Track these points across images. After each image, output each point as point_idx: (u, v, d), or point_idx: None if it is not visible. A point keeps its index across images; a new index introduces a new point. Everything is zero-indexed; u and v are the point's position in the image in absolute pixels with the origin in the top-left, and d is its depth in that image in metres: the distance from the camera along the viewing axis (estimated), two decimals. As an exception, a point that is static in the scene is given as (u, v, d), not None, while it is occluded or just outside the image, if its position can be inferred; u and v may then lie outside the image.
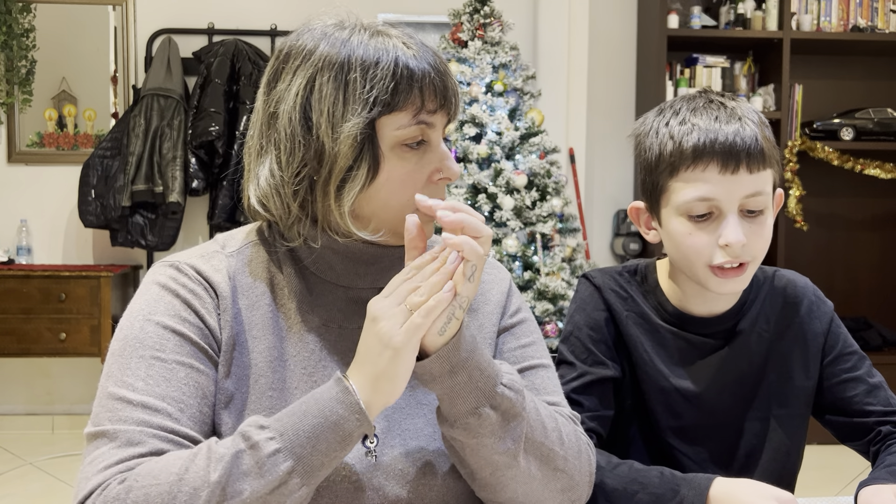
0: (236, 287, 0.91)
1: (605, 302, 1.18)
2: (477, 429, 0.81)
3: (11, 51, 3.87)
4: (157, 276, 0.90)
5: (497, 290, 1.02)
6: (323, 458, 0.77)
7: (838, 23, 4.05)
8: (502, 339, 1.00)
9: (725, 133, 1.03)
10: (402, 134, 0.86)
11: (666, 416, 1.15)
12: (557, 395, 0.99)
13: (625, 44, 4.24)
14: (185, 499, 0.73)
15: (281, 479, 0.75)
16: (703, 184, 1.04)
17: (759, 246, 1.06)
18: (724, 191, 1.03)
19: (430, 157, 0.89)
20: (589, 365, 1.15)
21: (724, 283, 1.06)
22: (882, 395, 1.15)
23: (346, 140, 0.84)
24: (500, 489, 0.86)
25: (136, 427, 0.79)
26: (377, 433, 0.82)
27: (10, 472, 3.31)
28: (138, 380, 0.82)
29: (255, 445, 0.75)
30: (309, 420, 0.77)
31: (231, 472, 0.74)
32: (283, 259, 0.94)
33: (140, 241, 3.72)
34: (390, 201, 0.88)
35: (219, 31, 3.97)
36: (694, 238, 1.06)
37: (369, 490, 0.86)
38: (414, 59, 0.86)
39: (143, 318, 0.86)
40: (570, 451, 0.90)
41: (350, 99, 0.84)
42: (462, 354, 0.81)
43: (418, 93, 0.85)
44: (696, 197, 1.04)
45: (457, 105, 0.91)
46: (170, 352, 0.84)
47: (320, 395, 0.79)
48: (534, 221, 3.30)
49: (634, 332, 1.16)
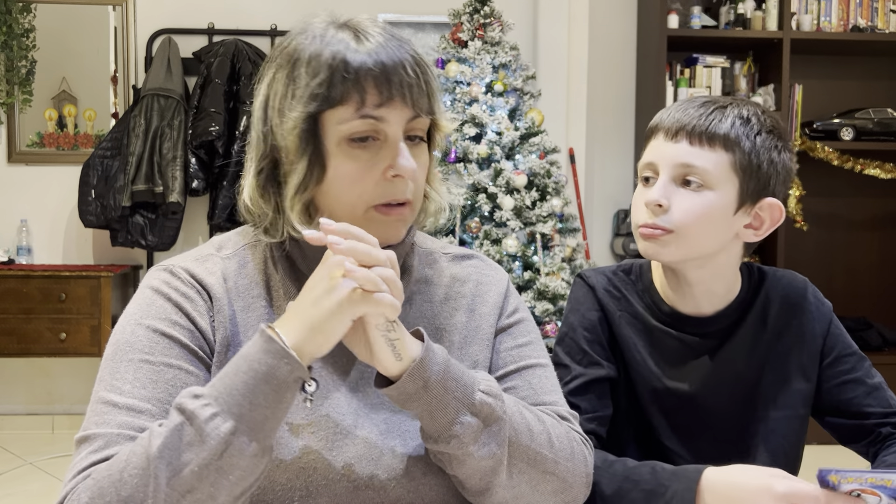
0: (231, 289, 0.92)
1: (599, 302, 1.18)
2: (461, 438, 0.81)
3: (11, 51, 3.86)
4: (151, 281, 0.92)
5: (495, 291, 1.02)
6: (265, 412, 0.75)
7: (838, 23, 4.05)
8: (500, 339, 1.00)
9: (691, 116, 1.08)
10: (346, 129, 0.86)
11: (659, 417, 1.14)
12: (556, 395, 0.99)
13: (625, 44, 4.24)
14: (134, 482, 0.73)
15: (225, 440, 0.73)
16: (647, 151, 1.12)
17: (679, 218, 1.07)
18: (664, 155, 1.08)
19: (385, 153, 0.87)
20: (584, 366, 1.14)
21: (647, 247, 1.10)
22: (882, 395, 1.14)
23: (291, 134, 0.86)
24: (491, 495, 0.87)
25: (117, 430, 0.80)
26: (315, 377, 0.80)
27: (10, 472, 3.31)
28: (126, 383, 0.83)
29: (191, 415, 0.74)
30: (241, 377, 0.75)
31: (173, 447, 0.73)
32: (277, 260, 0.95)
33: (140, 242, 3.72)
34: (341, 197, 0.88)
35: (219, 31, 3.97)
36: (638, 198, 1.12)
37: (369, 490, 0.87)
38: (356, 54, 0.85)
39: (135, 323, 0.88)
40: (560, 454, 0.90)
41: (296, 93, 0.86)
42: (434, 368, 0.81)
43: (355, 87, 0.84)
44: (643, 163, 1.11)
45: (418, 100, 0.87)
46: (158, 354, 0.85)
47: (247, 350, 0.77)
48: (534, 221, 3.30)
49: (627, 333, 1.16)
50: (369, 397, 0.92)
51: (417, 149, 0.90)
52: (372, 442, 0.89)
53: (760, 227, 1.10)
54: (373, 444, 0.89)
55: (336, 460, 0.87)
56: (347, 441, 0.88)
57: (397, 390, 0.81)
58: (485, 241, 3.24)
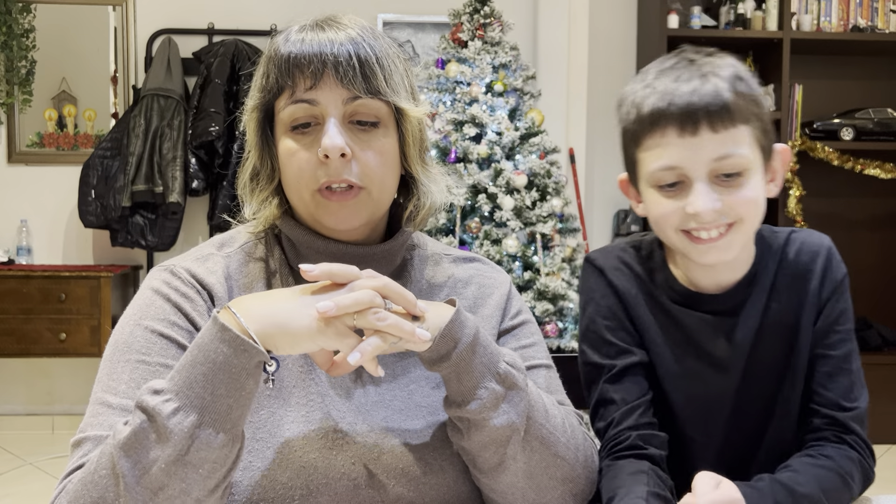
0: (232, 287, 0.92)
1: (611, 285, 1.09)
2: (484, 403, 0.82)
3: (11, 51, 3.86)
4: (151, 281, 0.92)
5: (497, 294, 1.02)
6: (228, 401, 0.74)
7: (838, 23, 4.05)
8: (503, 341, 1.00)
9: (682, 92, 0.93)
10: (286, 116, 0.90)
11: (679, 400, 1.07)
12: (560, 395, 1.00)
13: (625, 44, 4.24)
14: (103, 483, 0.74)
15: (190, 434, 0.72)
16: (664, 150, 0.95)
17: (742, 210, 0.95)
18: (687, 156, 0.93)
19: (320, 136, 0.88)
20: (612, 357, 1.06)
21: (706, 252, 0.97)
22: (843, 383, 1.03)
23: (248, 127, 0.93)
24: (502, 472, 0.86)
25: (107, 432, 0.80)
26: (275, 357, 0.77)
27: (10, 472, 3.31)
28: (121, 383, 0.84)
29: (154, 412, 0.73)
30: (199, 368, 0.74)
31: (138, 446, 0.73)
32: (278, 258, 0.96)
33: (140, 242, 3.72)
34: (290, 184, 0.92)
35: (219, 31, 3.97)
36: (662, 207, 0.97)
37: (369, 489, 0.87)
38: (286, 43, 0.89)
39: (133, 323, 0.88)
40: (570, 441, 0.91)
41: (251, 89, 0.93)
42: (466, 331, 0.82)
43: (287, 74, 0.88)
44: (659, 167, 0.95)
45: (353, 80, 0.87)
46: (155, 355, 0.85)
47: (202, 338, 0.75)
48: (534, 221, 3.30)
49: (643, 313, 1.08)
50: (370, 396, 0.92)
51: (367, 134, 0.90)
52: (372, 441, 0.89)
53: (776, 176, 1.02)
54: (373, 443, 0.89)
55: (336, 459, 0.87)
56: (348, 440, 0.88)
57: (431, 350, 0.81)
58: (485, 241, 3.24)
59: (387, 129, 0.91)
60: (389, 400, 0.93)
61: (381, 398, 0.92)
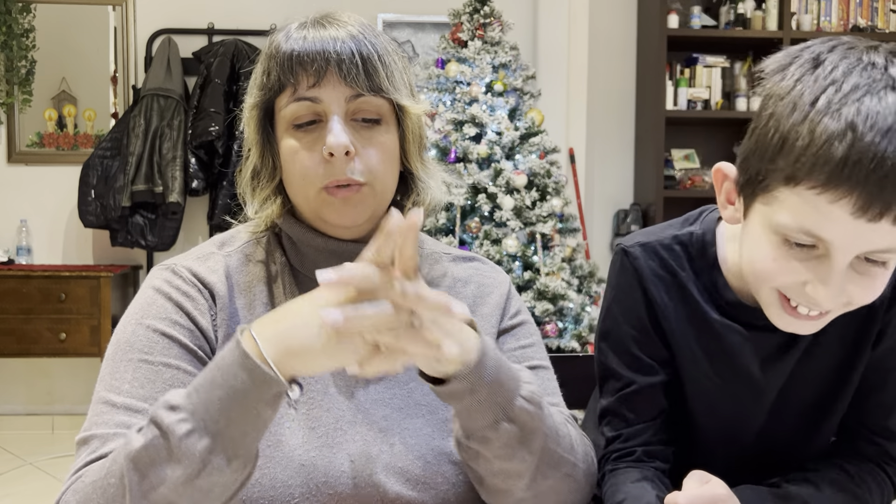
0: (233, 286, 0.92)
1: (646, 293, 0.97)
2: (494, 441, 0.79)
3: (11, 51, 3.86)
4: (152, 280, 0.92)
5: (497, 293, 1.02)
6: (243, 428, 0.71)
7: (838, 23, 4.05)
8: (502, 340, 1.00)
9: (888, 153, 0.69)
10: (287, 114, 0.89)
11: (707, 420, 1.00)
12: (556, 397, 0.99)
13: (625, 44, 4.24)
14: (111, 491, 0.73)
15: (202, 459, 0.70)
16: (824, 218, 0.73)
17: (861, 296, 0.79)
18: (848, 241, 0.73)
19: (324, 134, 0.88)
20: (634, 371, 0.99)
21: (791, 323, 0.83)
22: None
23: (248, 126, 0.92)
24: (509, 496, 0.85)
25: (114, 430, 0.80)
26: (300, 382, 0.73)
27: (10, 472, 3.31)
28: (124, 382, 0.83)
29: (167, 431, 0.70)
30: (216, 392, 0.71)
31: (149, 461, 0.71)
32: (279, 257, 0.95)
33: (140, 242, 3.72)
34: (293, 182, 0.91)
35: (219, 31, 3.97)
36: (779, 263, 0.78)
37: (369, 487, 0.87)
38: (287, 40, 0.88)
39: (135, 323, 0.88)
40: (579, 457, 0.90)
41: (250, 87, 0.92)
42: (486, 375, 0.76)
43: (289, 72, 0.87)
44: (806, 230, 0.75)
45: (356, 77, 0.86)
46: (157, 354, 0.85)
47: (223, 360, 0.72)
48: (534, 221, 3.30)
49: (679, 327, 0.97)
50: (370, 394, 0.92)
51: (369, 131, 0.90)
52: (372, 439, 0.89)
53: None
54: (373, 442, 0.89)
55: (336, 458, 0.87)
56: (347, 439, 0.88)
57: (445, 390, 0.76)
58: (485, 241, 3.24)
59: (388, 125, 0.91)
60: (389, 398, 0.93)
61: (380, 396, 0.92)
